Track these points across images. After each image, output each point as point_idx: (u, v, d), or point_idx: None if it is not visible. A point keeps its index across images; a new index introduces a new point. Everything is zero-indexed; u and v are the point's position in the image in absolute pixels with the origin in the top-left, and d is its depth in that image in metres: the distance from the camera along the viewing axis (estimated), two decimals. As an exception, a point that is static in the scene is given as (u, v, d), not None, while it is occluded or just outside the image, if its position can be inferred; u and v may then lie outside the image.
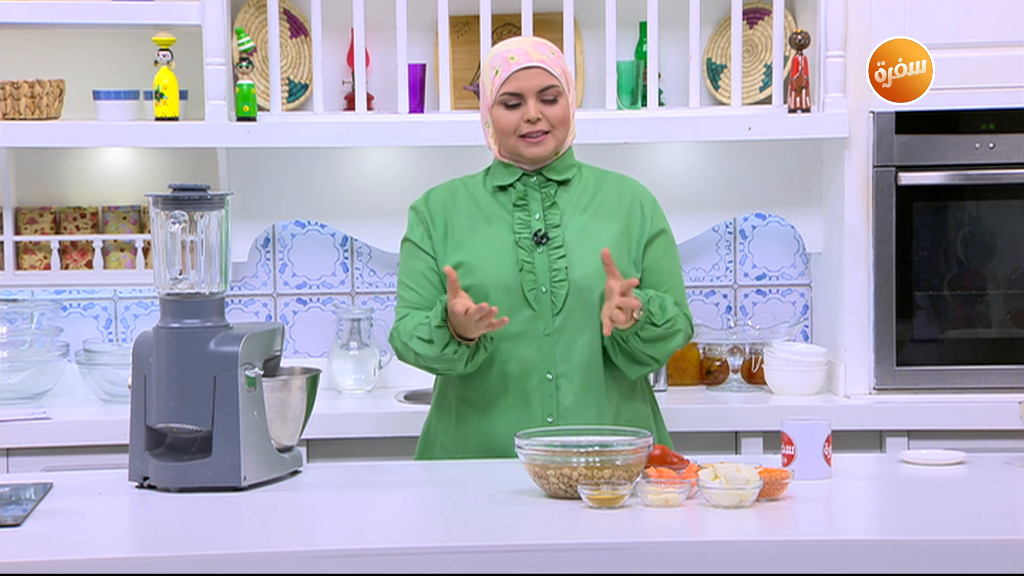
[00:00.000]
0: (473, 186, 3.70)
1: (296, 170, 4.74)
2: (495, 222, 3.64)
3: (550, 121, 3.58)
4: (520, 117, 3.58)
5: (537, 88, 3.58)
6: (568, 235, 3.62)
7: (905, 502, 3.18)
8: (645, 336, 3.55)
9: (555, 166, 3.66)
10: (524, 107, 3.58)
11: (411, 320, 3.60)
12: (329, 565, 2.75)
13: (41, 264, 4.65)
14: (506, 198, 3.66)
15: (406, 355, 3.62)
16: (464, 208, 3.66)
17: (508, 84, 3.58)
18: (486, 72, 3.63)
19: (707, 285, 4.90)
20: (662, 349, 3.59)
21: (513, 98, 3.58)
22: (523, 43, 3.63)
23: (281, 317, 4.85)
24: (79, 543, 2.88)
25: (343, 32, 4.70)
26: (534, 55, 3.58)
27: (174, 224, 3.28)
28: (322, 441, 4.27)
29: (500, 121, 3.60)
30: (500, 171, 3.67)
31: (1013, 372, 4.48)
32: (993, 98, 4.44)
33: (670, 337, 3.59)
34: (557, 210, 3.64)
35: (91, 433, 4.27)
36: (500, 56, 3.61)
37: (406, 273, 3.68)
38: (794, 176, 4.80)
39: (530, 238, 3.62)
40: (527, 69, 3.57)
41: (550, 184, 3.66)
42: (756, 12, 4.76)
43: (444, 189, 3.73)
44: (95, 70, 4.71)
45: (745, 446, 4.34)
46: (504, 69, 3.58)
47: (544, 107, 3.58)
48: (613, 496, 3.01)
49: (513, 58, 3.58)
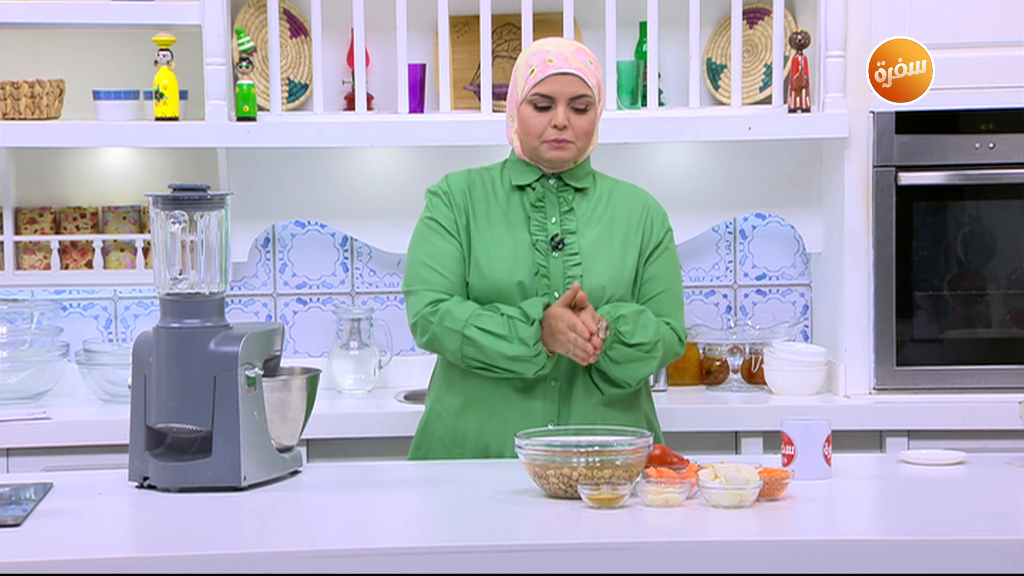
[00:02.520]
0: (491, 179, 3.67)
1: (296, 170, 4.74)
2: (512, 220, 3.62)
3: (576, 131, 3.56)
4: (548, 121, 3.56)
5: (570, 95, 3.55)
6: (583, 243, 3.61)
7: (905, 502, 3.18)
8: (614, 356, 3.54)
9: (574, 172, 3.64)
10: (553, 111, 3.56)
11: (462, 307, 3.54)
12: (329, 565, 2.75)
13: (41, 264, 4.65)
14: (524, 197, 3.64)
15: (449, 342, 3.53)
16: (482, 200, 3.64)
17: (542, 85, 3.55)
18: (520, 68, 3.60)
19: (707, 285, 4.90)
20: (633, 373, 3.56)
21: (544, 100, 3.56)
22: (564, 47, 3.60)
23: (281, 317, 4.85)
24: (79, 543, 2.88)
25: (343, 32, 4.70)
26: (573, 62, 3.56)
27: (174, 224, 3.28)
28: (322, 441, 4.27)
29: (527, 121, 3.57)
30: (519, 168, 3.65)
31: (1013, 372, 4.48)
32: (993, 98, 4.44)
33: (643, 361, 3.56)
34: (574, 217, 3.63)
35: (91, 433, 4.27)
36: (538, 56, 3.58)
37: (431, 255, 3.60)
38: (794, 176, 4.80)
39: (547, 242, 3.61)
40: (563, 75, 3.55)
41: (568, 189, 3.64)
42: (756, 12, 4.76)
43: (462, 176, 3.68)
44: (95, 70, 4.71)
45: (745, 446, 4.34)
46: (540, 70, 3.55)
47: (573, 115, 3.56)
48: (613, 496, 3.01)
49: (551, 60, 3.56)
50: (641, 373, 3.58)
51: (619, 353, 3.54)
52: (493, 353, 3.49)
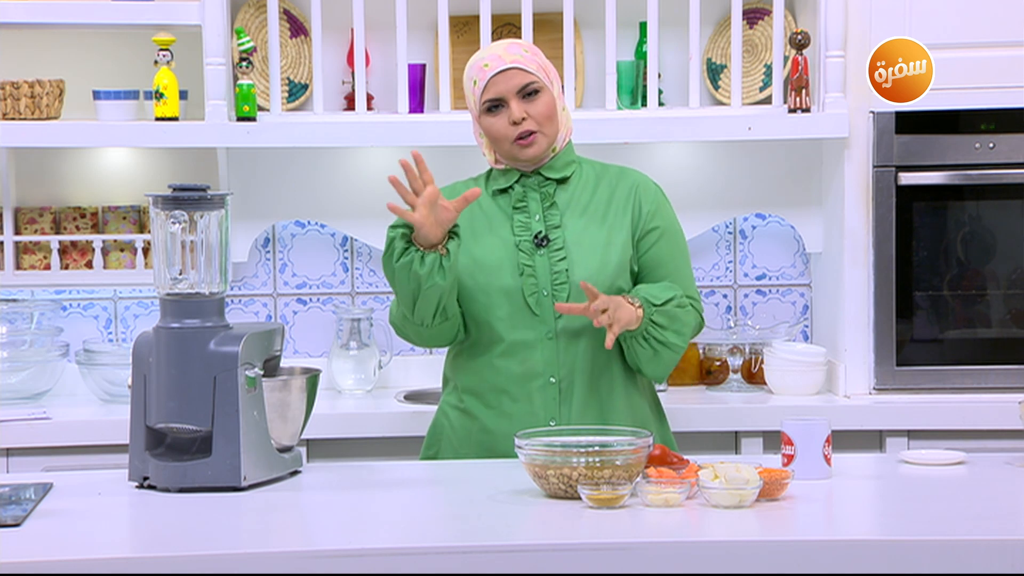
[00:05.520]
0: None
1: (296, 170, 4.75)
2: (495, 225, 3.64)
3: (535, 119, 3.58)
4: (507, 120, 3.58)
5: (515, 88, 3.58)
6: (568, 236, 3.62)
7: (905, 502, 3.18)
8: (658, 320, 3.55)
9: (553, 164, 3.65)
10: (507, 110, 3.58)
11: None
12: (329, 565, 2.75)
13: (41, 264, 4.65)
14: (506, 201, 3.66)
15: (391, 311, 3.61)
16: (465, 212, 3.66)
17: (487, 91, 3.59)
18: (467, 85, 3.65)
19: (707, 285, 4.90)
20: (680, 329, 3.56)
21: (494, 103, 3.59)
22: (495, 48, 3.65)
23: (281, 317, 4.85)
24: (79, 543, 2.88)
25: (343, 32, 4.70)
26: (507, 57, 3.59)
27: (174, 224, 3.28)
28: (322, 441, 4.27)
29: (491, 129, 3.60)
30: (499, 175, 3.68)
31: (1013, 372, 4.48)
32: (993, 98, 4.44)
33: (681, 316, 3.56)
34: (556, 210, 3.64)
35: (91, 433, 4.27)
36: (475, 67, 3.63)
37: None
38: (794, 176, 4.80)
39: (530, 241, 3.61)
40: (502, 72, 3.58)
41: (549, 183, 3.66)
42: (756, 12, 4.76)
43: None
44: (95, 70, 4.72)
45: (745, 446, 4.34)
46: (480, 78, 3.60)
47: (527, 105, 3.58)
48: (613, 496, 3.01)
49: (487, 65, 3.60)
50: (686, 329, 3.58)
51: (661, 315, 3.54)
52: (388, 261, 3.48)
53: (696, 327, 3.66)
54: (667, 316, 3.55)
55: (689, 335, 3.61)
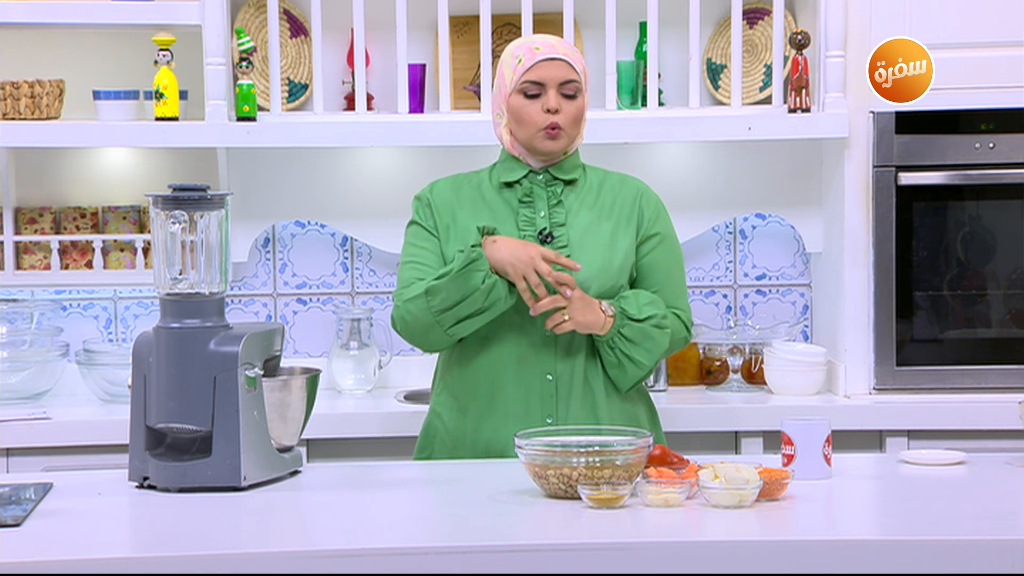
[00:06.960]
0: (479, 181, 3.70)
1: (296, 170, 4.75)
2: (500, 218, 3.64)
3: (566, 117, 3.58)
4: (540, 108, 3.58)
5: (559, 80, 3.58)
6: (572, 234, 3.62)
7: (905, 502, 3.18)
8: (628, 334, 3.55)
9: (562, 165, 3.66)
10: (544, 97, 3.58)
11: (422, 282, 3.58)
12: (329, 565, 2.75)
13: (41, 264, 4.65)
14: (512, 195, 3.66)
15: (415, 308, 3.54)
16: (469, 203, 3.65)
17: (531, 72, 3.58)
18: (507, 61, 3.62)
19: (707, 285, 4.90)
20: (651, 349, 3.57)
21: (534, 87, 3.58)
22: (547, 37, 3.66)
23: (281, 317, 4.85)
24: (79, 543, 2.88)
25: (343, 32, 4.70)
26: (559, 48, 3.60)
27: (174, 224, 3.28)
28: (322, 441, 4.27)
29: (520, 111, 3.59)
30: (508, 166, 3.66)
31: (1013, 372, 4.48)
32: (993, 98, 4.44)
33: (657, 335, 3.57)
34: (562, 209, 3.64)
35: (91, 433, 4.27)
36: (524, 47, 3.61)
37: (415, 255, 3.63)
38: (794, 176, 4.80)
39: (535, 236, 3.62)
40: (552, 60, 3.58)
41: (556, 183, 3.66)
42: (756, 12, 4.76)
43: (449, 182, 3.72)
44: (95, 70, 4.71)
45: (745, 446, 4.34)
46: (528, 58, 3.58)
47: (563, 101, 3.58)
48: (613, 496, 3.01)
49: (538, 48, 3.59)
50: (657, 349, 3.58)
51: (632, 330, 3.55)
52: (446, 284, 3.49)
53: (679, 342, 3.66)
54: (640, 333, 3.56)
55: (660, 355, 3.61)
